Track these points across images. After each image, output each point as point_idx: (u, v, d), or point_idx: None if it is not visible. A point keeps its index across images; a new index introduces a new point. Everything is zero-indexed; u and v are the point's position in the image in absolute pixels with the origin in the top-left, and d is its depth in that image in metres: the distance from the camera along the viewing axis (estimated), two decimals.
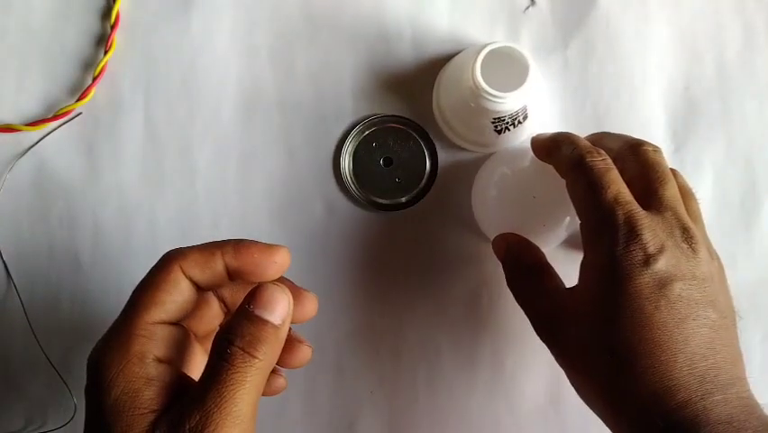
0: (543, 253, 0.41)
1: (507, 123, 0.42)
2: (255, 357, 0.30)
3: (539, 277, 0.40)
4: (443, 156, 0.46)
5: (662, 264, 0.34)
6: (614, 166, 0.37)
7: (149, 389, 0.30)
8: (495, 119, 0.42)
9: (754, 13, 0.47)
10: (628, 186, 0.36)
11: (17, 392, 0.45)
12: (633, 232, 0.34)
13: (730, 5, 0.47)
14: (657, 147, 0.39)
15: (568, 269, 0.39)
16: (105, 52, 0.45)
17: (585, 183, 0.36)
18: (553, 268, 0.40)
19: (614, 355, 0.33)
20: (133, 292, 0.32)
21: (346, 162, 0.46)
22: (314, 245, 0.45)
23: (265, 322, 0.30)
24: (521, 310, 0.47)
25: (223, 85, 0.46)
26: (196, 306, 0.34)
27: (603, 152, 0.37)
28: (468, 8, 0.46)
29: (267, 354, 0.30)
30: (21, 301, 0.44)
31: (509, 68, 0.40)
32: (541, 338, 0.38)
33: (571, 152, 0.38)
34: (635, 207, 0.35)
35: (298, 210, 0.46)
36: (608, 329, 0.34)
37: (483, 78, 0.40)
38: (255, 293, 0.31)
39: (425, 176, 0.46)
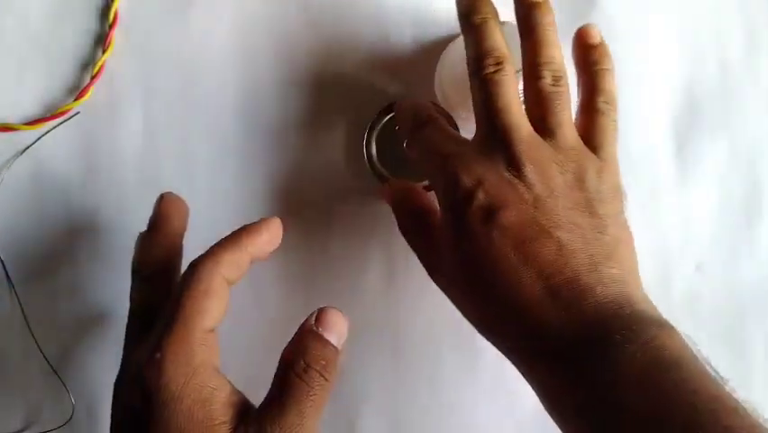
0: (428, 197, 0.40)
1: None
2: (328, 381, 0.32)
3: (422, 217, 0.39)
4: None
5: (481, 197, 0.34)
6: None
7: (215, 399, 0.31)
8: None
9: (756, 13, 0.47)
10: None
11: (15, 393, 0.44)
12: (454, 177, 0.35)
13: (732, 5, 0.47)
14: (557, 75, 0.37)
15: None
16: (104, 51, 0.45)
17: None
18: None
19: (470, 291, 0.35)
20: (176, 303, 0.32)
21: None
22: (314, 246, 0.45)
23: (334, 347, 0.33)
24: None
25: (222, 85, 0.46)
26: None
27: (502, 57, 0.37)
28: None
29: (334, 377, 0.32)
30: (19, 301, 0.44)
31: (511, 48, 0.40)
32: (429, 275, 0.38)
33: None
34: (455, 147, 0.36)
35: (298, 210, 0.45)
36: (459, 270, 0.35)
37: None
38: (320, 316, 0.33)
39: None
